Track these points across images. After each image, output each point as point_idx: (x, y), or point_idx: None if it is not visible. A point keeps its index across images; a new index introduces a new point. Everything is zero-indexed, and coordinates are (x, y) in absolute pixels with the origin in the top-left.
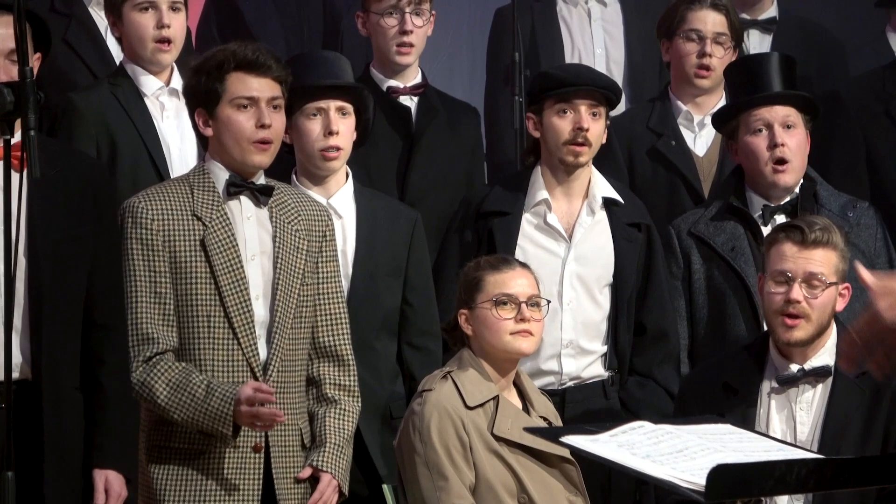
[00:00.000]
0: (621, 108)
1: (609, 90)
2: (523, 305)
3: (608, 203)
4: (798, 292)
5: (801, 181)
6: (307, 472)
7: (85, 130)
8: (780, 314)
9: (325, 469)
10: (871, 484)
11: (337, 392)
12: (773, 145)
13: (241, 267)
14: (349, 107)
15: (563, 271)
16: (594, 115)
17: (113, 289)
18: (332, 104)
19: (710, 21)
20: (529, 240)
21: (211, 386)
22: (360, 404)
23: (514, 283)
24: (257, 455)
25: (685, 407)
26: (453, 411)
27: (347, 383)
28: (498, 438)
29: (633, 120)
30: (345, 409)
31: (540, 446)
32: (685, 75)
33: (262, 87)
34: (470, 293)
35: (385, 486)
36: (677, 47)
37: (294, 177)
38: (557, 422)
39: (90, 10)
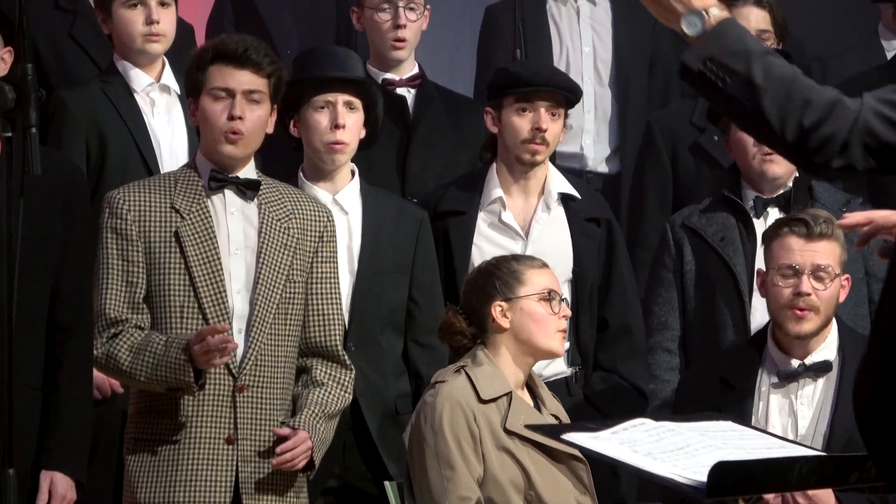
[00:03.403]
0: (611, 107)
1: (570, 92)
2: (561, 302)
3: (565, 199)
4: (808, 285)
5: (796, 174)
6: (285, 430)
7: (74, 128)
8: (788, 308)
9: (301, 428)
10: (874, 482)
11: (327, 379)
12: None
13: (218, 259)
14: (357, 102)
15: None
16: (553, 115)
17: (79, 292)
18: (340, 98)
19: (754, 18)
20: (486, 238)
21: (168, 340)
22: (349, 396)
23: (552, 280)
24: (230, 447)
25: (684, 404)
26: (465, 404)
27: (341, 378)
28: (510, 434)
29: (676, 117)
30: (330, 392)
31: (551, 443)
32: None
33: (239, 80)
34: (509, 285)
35: (387, 484)
36: None
37: (301, 174)
38: (567, 422)
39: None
